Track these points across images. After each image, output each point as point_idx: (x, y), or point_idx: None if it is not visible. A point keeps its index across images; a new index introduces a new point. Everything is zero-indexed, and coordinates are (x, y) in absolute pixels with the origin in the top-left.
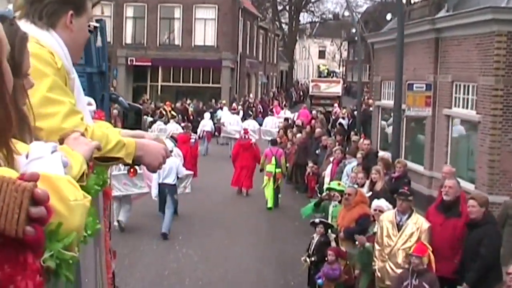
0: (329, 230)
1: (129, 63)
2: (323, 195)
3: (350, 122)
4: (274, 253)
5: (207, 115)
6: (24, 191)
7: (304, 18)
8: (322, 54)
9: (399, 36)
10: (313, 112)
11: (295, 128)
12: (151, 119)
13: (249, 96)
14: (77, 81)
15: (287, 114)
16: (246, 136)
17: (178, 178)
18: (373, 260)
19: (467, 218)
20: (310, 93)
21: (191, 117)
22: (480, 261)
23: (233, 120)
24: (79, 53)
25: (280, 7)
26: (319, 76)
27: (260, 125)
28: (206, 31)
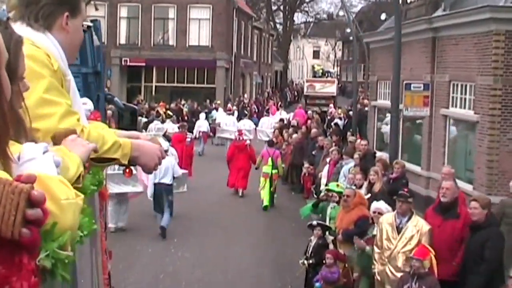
0: (327, 232)
1: (123, 63)
2: (321, 195)
3: (346, 122)
4: (271, 255)
5: (203, 115)
6: (21, 193)
7: (298, 18)
8: (316, 54)
9: (396, 35)
10: (309, 112)
11: (291, 128)
12: (146, 119)
13: (244, 96)
14: (73, 82)
15: (283, 115)
16: (240, 138)
17: (174, 178)
18: (373, 263)
19: (466, 220)
20: (305, 93)
21: (186, 118)
22: (485, 264)
23: (229, 121)
24: (75, 54)
25: (275, 7)
26: (314, 76)
27: (256, 125)
28: (200, 31)
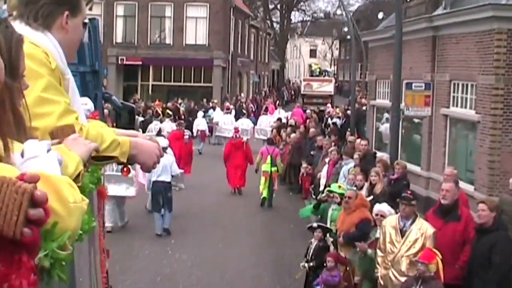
0: (327, 234)
1: (119, 62)
2: (322, 196)
3: (344, 121)
4: (270, 256)
5: (201, 114)
6: (24, 193)
7: (295, 17)
8: (313, 53)
9: (397, 34)
10: (307, 112)
11: (289, 128)
12: (142, 118)
13: (241, 95)
14: (72, 81)
15: (281, 114)
16: (237, 135)
17: (173, 176)
18: (376, 267)
19: (467, 222)
20: (302, 92)
21: (183, 117)
22: (494, 269)
23: (226, 120)
24: (74, 53)
25: (272, 6)
26: (311, 75)
27: (254, 124)
28: (197, 29)
